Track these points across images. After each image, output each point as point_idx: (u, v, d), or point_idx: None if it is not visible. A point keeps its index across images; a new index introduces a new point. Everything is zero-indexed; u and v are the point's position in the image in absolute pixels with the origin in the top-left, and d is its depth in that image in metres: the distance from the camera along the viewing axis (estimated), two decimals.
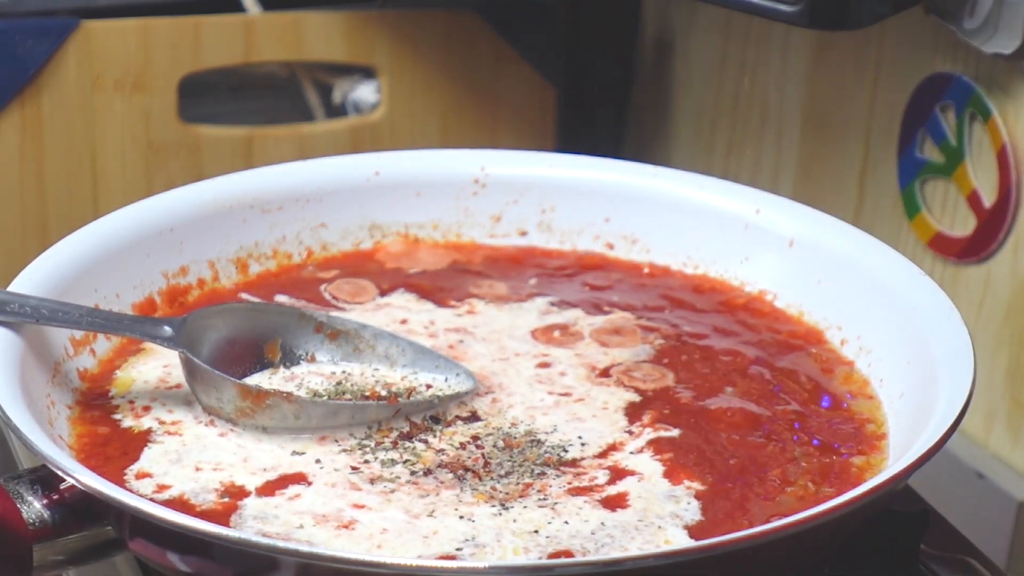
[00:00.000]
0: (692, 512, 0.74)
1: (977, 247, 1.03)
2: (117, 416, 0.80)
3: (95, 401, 0.82)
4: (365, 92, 1.30)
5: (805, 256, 0.91)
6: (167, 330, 0.80)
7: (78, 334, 0.83)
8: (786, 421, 0.81)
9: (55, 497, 0.72)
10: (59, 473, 0.70)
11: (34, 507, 0.71)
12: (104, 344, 0.85)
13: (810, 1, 0.94)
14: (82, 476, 0.69)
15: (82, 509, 0.72)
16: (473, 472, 0.76)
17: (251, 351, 0.84)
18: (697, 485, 0.76)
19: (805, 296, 0.91)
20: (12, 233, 1.19)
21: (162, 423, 0.80)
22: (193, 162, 1.23)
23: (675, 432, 0.80)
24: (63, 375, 0.81)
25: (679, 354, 0.87)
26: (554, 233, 0.98)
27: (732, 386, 0.84)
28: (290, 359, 0.85)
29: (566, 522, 0.73)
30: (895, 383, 0.83)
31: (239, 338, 0.83)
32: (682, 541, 0.72)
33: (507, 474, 0.76)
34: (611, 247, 0.97)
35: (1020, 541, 1.01)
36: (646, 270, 0.96)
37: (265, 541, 0.67)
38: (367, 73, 1.30)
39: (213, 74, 1.26)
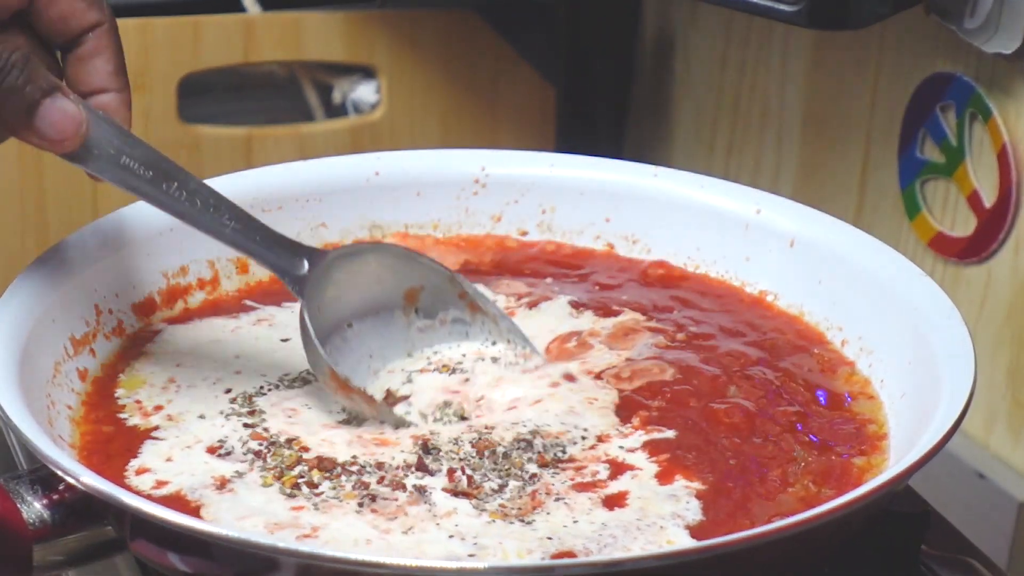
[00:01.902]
0: (693, 512, 0.74)
1: (977, 247, 1.02)
2: (123, 416, 0.80)
3: (101, 402, 0.81)
4: (365, 92, 1.30)
5: (806, 256, 0.91)
6: (303, 268, 0.81)
7: (78, 334, 0.83)
8: (787, 422, 0.81)
9: (55, 497, 0.72)
10: (59, 473, 0.69)
11: (34, 507, 0.71)
12: (105, 345, 0.85)
13: (810, 1, 0.94)
14: (82, 476, 0.69)
15: (82, 509, 0.72)
16: (466, 493, 0.75)
17: (392, 292, 0.85)
18: (697, 485, 0.76)
19: (806, 296, 0.91)
20: (12, 233, 1.19)
21: (170, 419, 0.80)
22: (193, 162, 1.23)
23: (670, 433, 0.80)
24: (63, 375, 0.81)
25: (682, 353, 0.87)
26: (554, 233, 0.98)
27: (735, 386, 0.84)
28: (427, 312, 0.86)
29: (575, 521, 0.73)
30: (896, 384, 0.83)
31: (385, 277, 0.85)
32: (684, 541, 0.72)
33: (501, 488, 0.75)
34: (612, 247, 0.97)
35: (1021, 541, 1.01)
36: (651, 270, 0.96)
37: (265, 541, 0.67)
38: (367, 73, 1.30)
39: (213, 74, 1.26)
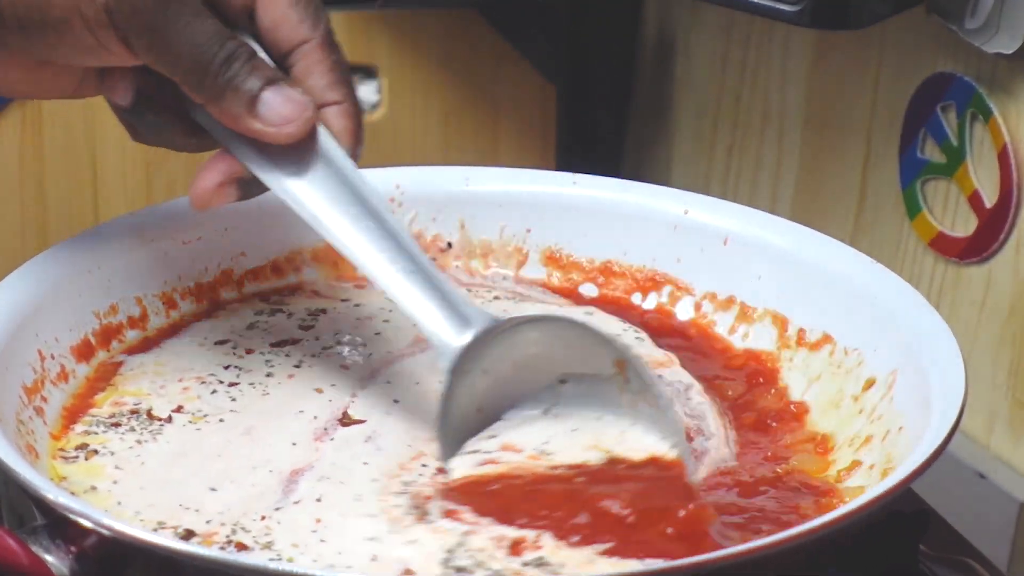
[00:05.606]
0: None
1: (978, 247, 1.02)
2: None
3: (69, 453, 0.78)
4: (365, 92, 1.30)
5: (741, 253, 0.91)
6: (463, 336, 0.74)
7: (28, 381, 0.79)
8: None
9: (73, 549, 0.68)
10: (83, 523, 0.66)
11: (59, 563, 0.67)
12: (54, 392, 0.81)
13: (811, 1, 0.94)
14: (115, 524, 0.65)
15: (103, 557, 0.68)
16: None
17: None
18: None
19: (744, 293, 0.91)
20: (12, 233, 1.19)
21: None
22: (194, 162, 1.22)
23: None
24: (24, 424, 0.77)
25: None
26: (476, 248, 0.96)
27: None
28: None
29: None
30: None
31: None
32: None
33: None
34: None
35: (1021, 542, 1.01)
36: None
37: (316, 573, 0.64)
38: (367, 73, 1.30)
39: None
